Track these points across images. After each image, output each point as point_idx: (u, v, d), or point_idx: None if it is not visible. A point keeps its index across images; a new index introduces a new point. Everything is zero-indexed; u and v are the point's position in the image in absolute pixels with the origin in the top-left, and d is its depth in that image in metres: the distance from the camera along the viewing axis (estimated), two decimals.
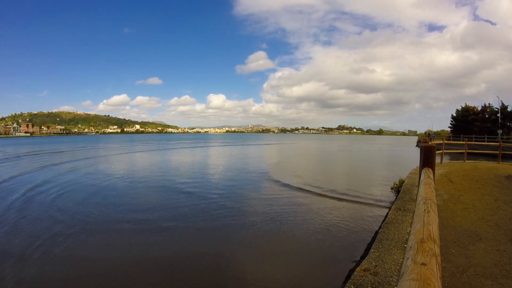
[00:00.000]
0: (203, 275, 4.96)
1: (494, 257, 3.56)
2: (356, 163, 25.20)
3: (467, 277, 3.12)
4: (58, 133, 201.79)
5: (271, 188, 12.30)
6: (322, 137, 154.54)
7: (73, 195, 10.80)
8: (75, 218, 7.87)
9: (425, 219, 1.25)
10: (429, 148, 2.59)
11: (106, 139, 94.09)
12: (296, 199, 10.25)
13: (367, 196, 10.58)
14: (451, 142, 26.11)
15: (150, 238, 6.54)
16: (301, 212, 8.59)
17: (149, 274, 4.95)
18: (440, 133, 55.12)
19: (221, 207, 9.09)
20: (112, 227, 7.20)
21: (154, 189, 11.99)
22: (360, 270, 3.33)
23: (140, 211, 8.60)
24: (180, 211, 8.55)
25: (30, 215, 8.21)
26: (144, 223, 7.47)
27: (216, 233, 6.86)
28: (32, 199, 10.13)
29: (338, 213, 8.40)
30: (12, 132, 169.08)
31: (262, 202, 9.79)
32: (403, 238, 4.21)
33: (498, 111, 38.87)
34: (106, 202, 9.65)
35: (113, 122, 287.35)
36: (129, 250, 5.90)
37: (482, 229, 4.56)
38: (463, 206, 5.88)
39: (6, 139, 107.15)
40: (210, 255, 5.70)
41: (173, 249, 5.98)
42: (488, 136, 31.80)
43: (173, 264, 5.32)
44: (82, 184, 13.00)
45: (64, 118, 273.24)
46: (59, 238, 6.46)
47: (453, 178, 8.89)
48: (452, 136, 41.13)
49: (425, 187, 1.92)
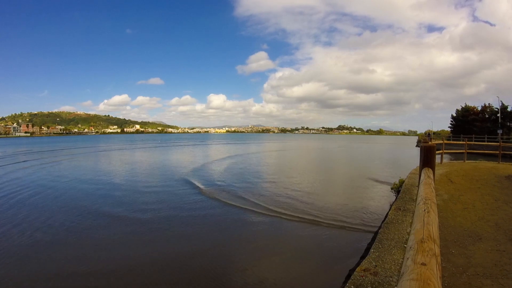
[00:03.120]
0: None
1: (494, 257, 3.56)
2: (356, 163, 25.22)
3: (467, 277, 3.12)
4: (58, 133, 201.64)
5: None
6: (322, 137, 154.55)
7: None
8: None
9: (425, 219, 1.25)
10: (429, 148, 2.59)
11: (97, 139, 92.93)
12: (295, 199, 10.25)
13: (367, 197, 10.58)
14: (451, 142, 26.09)
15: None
16: (300, 211, 8.59)
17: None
18: (440, 133, 55.19)
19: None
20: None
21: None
22: (360, 270, 3.33)
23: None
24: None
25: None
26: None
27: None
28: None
29: (338, 213, 8.40)
30: (12, 132, 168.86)
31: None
32: (403, 238, 4.21)
33: (498, 111, 38.86)
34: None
35: (113, 122, 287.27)
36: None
37: (482, 229, 4.56)
38: (463, 206, 5.88)
39: (5, 139, 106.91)
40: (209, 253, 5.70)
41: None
42: (488, 136, 31.75)
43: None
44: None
45: (64, 118, 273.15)
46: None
47: (453, 178, 8.88)
48: (452, 136, 41.11)
49: (425, 187, 1.92)
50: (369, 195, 11.04)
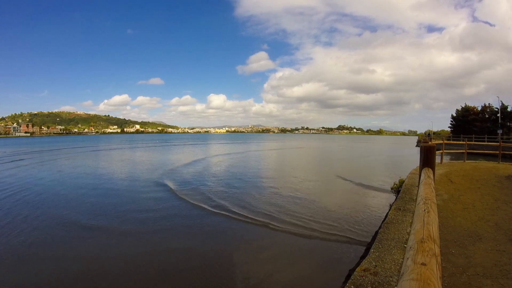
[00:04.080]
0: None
1: (494, 257, 3.56)
2: (356, 163, 25.22)
3: (467, 277, 3.12)
4: (58, 133, 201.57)
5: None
6: (322, 137, 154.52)
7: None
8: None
9: (425, 219, 1.25)
10: (429, 148, 2.59)
11: (96, 140, 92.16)
12: (294, 199, 10.26)
13: (367, 197, 10.58)
14: (451, 142, 26.08)
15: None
16: (300, 211, 8.60)
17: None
18: (440, 133, 55.20)
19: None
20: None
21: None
22: (360, 270, 3.33)
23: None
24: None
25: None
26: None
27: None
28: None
29: (337, 213, 8.40)
30: (12, 132, 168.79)
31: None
32: (403, 238, 4.21)
33: (498, 111, 38.84)
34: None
35: (113, 122, 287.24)
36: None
37: (482, 229, 4.56)
38: (463, 206, 5.87)
39: (5, 139, 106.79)
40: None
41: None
42: (488, 136, 31.74)
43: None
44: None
45: (64, 118, 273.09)
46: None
47: (453, 178, 8.88)
48: (452, 136, 41.10)
49: (425, 187, 1.92)
50: (369, 195, 11.04)
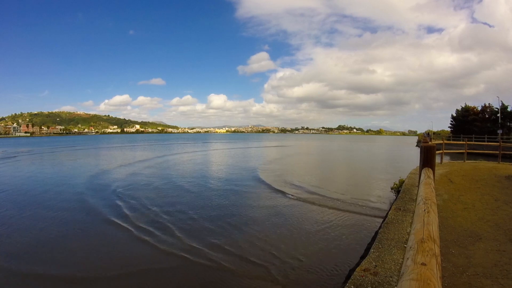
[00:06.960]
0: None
1: (494, 257, 3.55)
2: (357, 164, 25.22)
3: (467, 277, 3.11)
4: (58, 133, 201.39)
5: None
6: (322, 137, 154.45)
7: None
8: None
9: (425, 219, 1.25)
10: (429, 148, 2.59)
11: (95, 139, 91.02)
12: (292, 200, 10.25)
13: (367, 197, 10.58)
14: (451, 142, 26.09)
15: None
16: (299, 211, 8.59)
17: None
18: (440, 133, 55.20)
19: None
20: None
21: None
22: (360, 270, 3.33)
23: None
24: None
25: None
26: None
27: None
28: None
29: (337, 214, 8.39)
30: (12, 132, 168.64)
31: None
32: (403, 238, 4.21)
33: (498, 111, 38.83)
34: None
35: (113, 122, 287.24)
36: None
37: (482, 229, 4.56)
38: (463, 206, 5.87)
39: (5, 139, 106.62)
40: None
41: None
42: (488, 136, 31.73)
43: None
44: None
45: (64, 118, 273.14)
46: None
47: (453, 178, 8.88)
48: (452, 136, 41.09)
49: (425, 187, 1.92)
50: (369, 195, 11.03)
